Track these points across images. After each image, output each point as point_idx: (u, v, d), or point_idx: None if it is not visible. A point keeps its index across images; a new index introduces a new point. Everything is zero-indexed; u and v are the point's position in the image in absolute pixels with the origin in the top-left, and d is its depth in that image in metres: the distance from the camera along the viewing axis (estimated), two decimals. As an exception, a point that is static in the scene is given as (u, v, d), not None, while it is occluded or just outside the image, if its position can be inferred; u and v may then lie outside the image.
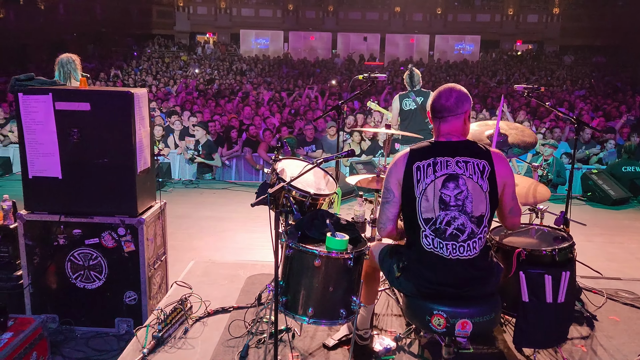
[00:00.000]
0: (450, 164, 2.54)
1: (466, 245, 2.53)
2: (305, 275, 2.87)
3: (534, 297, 2.96)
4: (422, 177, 2.56)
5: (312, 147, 8.90)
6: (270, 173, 3.31)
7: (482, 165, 2.54)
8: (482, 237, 2.56)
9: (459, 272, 2.55)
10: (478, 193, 2.52)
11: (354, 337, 3.04)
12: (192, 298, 3.67)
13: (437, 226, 2.54)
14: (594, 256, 5.12)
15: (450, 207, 2.52)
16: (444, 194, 2.53)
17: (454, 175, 2.53)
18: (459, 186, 2.52)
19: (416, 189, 2.56)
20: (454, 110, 2.60)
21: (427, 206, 2.55)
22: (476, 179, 2.53)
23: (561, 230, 3.41)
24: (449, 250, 2.54)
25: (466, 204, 2.52)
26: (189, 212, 6.55)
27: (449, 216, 2.53)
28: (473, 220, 2.52)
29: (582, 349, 3.38)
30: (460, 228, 2.52)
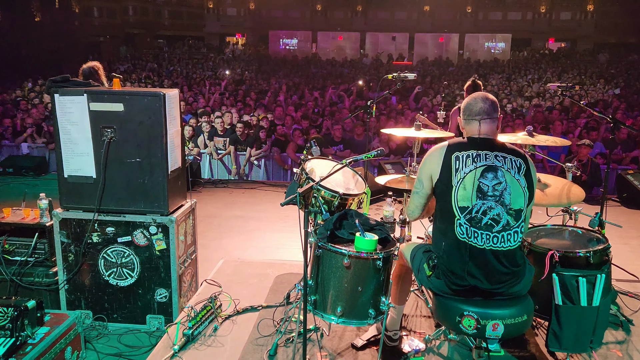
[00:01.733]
0: (489, 157, 2.59)
1: (500, 236, 2.53)
2: (334, 275, 2.87)
3: (567, 300, 2.90)
4: (460, 167, 2.58)
5: (340, 146, 8.90)
6: (299, 173, 3.32)
7: (519, 162, 2.61)
8: (518, 232, 2.56)
9: (491, 263, 2.53)
10: (516, 187, 2.56)
11: (382, 338, 3.03)
12: (221, 296, 3.72)
13: (473, 215, 2.55)
14: (630, 259, 4.97)
15: (487, 196, 2.54)
16: (482, 183, 2.55)
17: (493, 166, 2.57)
18: (497, 177, 2.55)
19: (454, 178, 2.58)
20: (491, 113, 2.68)
21: (464, 194, 2.56)
22: (514, 174, 2.57)
23: (596, 232, 3.33)
24: (483, 240, 2.53)
25: (504, 195, 2.54)
26: (218, 211, 6.62)
27: (485, 206, 2.54)
28: (511, 212, 2.54)
29: (618, 354, 3.29)
30: (496, 218, 2.53)
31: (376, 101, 4.15)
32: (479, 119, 2.66)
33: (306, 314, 2.82)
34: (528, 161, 2.65)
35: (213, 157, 8.91)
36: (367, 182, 3.63)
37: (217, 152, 8.92)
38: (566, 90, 3.98)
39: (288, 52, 29.24)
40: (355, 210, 3.24)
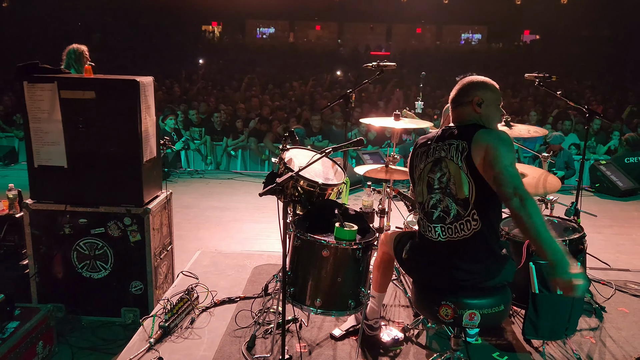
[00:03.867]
0: (438, 149, 2.56)
1: (453, 227, 2.49)
2: (314, 266, 2.85)
3: (544, 289, 2.93)
4: (417, 163, 2.65)
5: (318, 137, 8.86)
6: (278, 162, 3.27)
7: (462, 146, 2.45)
8: (470, 220, 2.45)
9: (451, 255, 2.49)
10: (459, 175, 2.45)
11: (362, 328, 3.02)
12: (198, 288, 3.66)
13: (426, 210, 2.58)
14: (602, 248, 5.08)
15: (434, 190, 2.55)
16: (430, 177, 2.57)
17: (439, 158, 2.55)
18: (441, 169, 2.53)
19: (415, 175, 2.67)
20: (460, 99, 2.61)
21: (419, 190, 2.63)
22: (456, 160, 2.46)
23: (572, 222, 3.37)
24: (437, 233, 2.53)
25: (449, 186, 2.49)
26: (195, 202, 6.53)
27: (434, 199, 2.54)
28: (459, 202, 2.46)
29: (591, 341, 3.35)
30: (446, 210, 2.50)
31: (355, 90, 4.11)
32: (451, 107, 2.65)
33: (285, 304, 2.80)
34: (473, 140, 2.40)
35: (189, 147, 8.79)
36: (346, 172, 3.60)
37: (193, 142, 8.80)
38: (543, 80, 4.01)
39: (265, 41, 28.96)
40: (334, 200, 3.22)
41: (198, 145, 8.82)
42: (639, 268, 4.52)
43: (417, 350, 3.17)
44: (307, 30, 30.61)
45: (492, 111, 2.60)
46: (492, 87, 2.59)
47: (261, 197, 2.79)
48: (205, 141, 8.84)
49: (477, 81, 2.61)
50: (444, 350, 3.06)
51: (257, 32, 30.28)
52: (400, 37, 29.67)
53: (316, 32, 30.38)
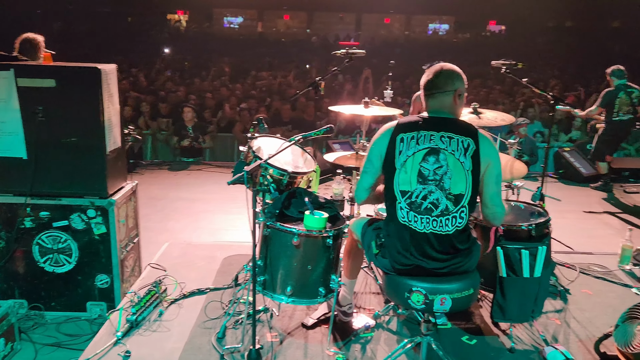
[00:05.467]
0: (434, 138, 2.51)
1: (439, 220, 2.50)
2: (284, 255, 2.83)
3: (511, 272, 2.98)
4: (404, 149, 2.53)
5: (288, 127, 8.81)
6: (246, 151, 3.23)
7: (467, 142, 2.50)
8: (457, 217, 2.51)
9: (432, 246, 2.52)
10: (459, 170, 2.48)
11: (332, 315, 3.02)
12: (166, 280, 3.60)
13: (413, 199, 2.51)
14: (567, 232, 5.19)
15: (428, 181, 2.50)
16: (423, 167, 2.50)
17: (436, 149, 2.49)
18: (439, 161, 2.49)
19: (397, 161, 2.53)
20: (441, 87, 2.58)
21: (405, 178, 2.52)
22: (458, 156, 2.49)
23: (537, 206, 3.43)
24: (422, 224, 2.51)
25: (444, 179, 2.48)
26: (163, 193, 6.41)
27: (426, 190, 2.50)
28: (450, 197, 2.49)
29: (557, 322, 3.44)
30: (435, 203, 2.49)
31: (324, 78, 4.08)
32: (427, 94, 2.61)
33: (255, 294, 2.77)
34: (480, 140, 2.51)
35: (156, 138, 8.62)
36: (316, 160, 3.58)
37: (160, 133, 8.63)
38: (509, 68, 4.06)
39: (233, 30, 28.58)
40: (304, 188, 3.20)
41: (166, 136, 8.65)
42: (601, 251, 4.65)
43: (388, 336, 3.19)
44: (276, 20, 30.32)
45: (463, 103, 2.66)
46: (464, 80, 2.65)
47: (230, 186, 2.76)
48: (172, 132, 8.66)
49: (458, 72, 2.63)
50: (414, 335, 3.09)
51: (224, 21, 29.85)
52: (370, 26, 29.71)
53: (285, 22, 30.12)
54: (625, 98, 6.64)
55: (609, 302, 3.70)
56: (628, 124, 6.76)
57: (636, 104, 6.68)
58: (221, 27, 29.27)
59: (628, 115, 6.69)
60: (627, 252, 4.29)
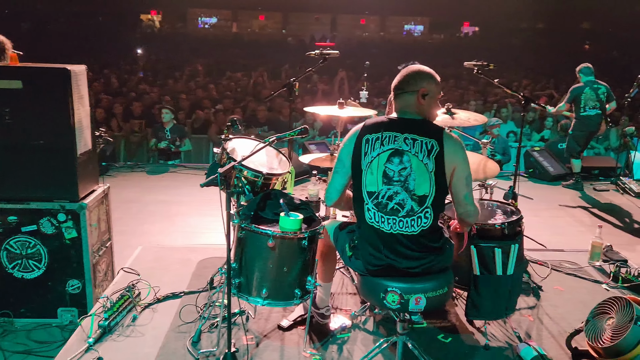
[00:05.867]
0: (398, 140, 2.53)
1: (405, 221, 2.52)
2: (259, 257, 2.81)
3: (484, 270, 3.02)
4: (369, 150, 2.55)
5: (264, 128, 8.78)
6: (220, 153, 3.20)
7: (430, 144, 2.51)
8: (422, 217, 2.53)
9: (401, 246, 2.53)
10: (422, 172, 2.50)
11: (309, 316, 3.01)
12: (140, 284, 3.54)
13: (379, 200, 2.54)
14: (539, 230, 5.29)
15: (393, 181, 2.52)
16: (388, 168, 2.52)
17: (400, 151, 2.52)
18: (403, 162, 2.51)
19: (363, 162, 2.56)
20: (405, 87, 2.61)
21: (371, 179, 2.55)
22: (422, 158, 2.50)
23: (510, 205, 3.48)
24: (389, 225, 2.53)
25: (409, 181, 2.51)
26: (136, 196, 6.32)
27: (391, 191, 2.52)
28: (414, 198, 2.51)
29: (530, 319, 3.49)
30: (401, 203, 2.52)
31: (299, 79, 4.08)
32: (394, 94, 2.64)
33: (230, 297, 2.74)
34: (444, 141, 2.51)
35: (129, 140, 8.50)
36: (291, 161, 3.57)
37: (133, 135, 8.51)
38: (482, 68, 4.11)
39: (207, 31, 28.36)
40: (279, 190, 3.18)
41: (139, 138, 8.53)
42: (572, 248, 4.74)
43: (365, 336, 3.20)
44: (251, 20, 30.20)
45: (433, 104, 2.66)
46: (436, 80, 2.64)
47: (203, 188, 2.72)
48: (146, 134, 8.56)
49: (425, 72, 2.63)
50: (390, 335, 3.10)
51: (199, 21, 29.59)
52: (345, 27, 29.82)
53: (260, 22, 30.01)
54: (591, 94, 6.85)
55: (580, 298, 3.78)
56: (595, 119, 6.93)
57: (603, 100, 6.87)
58: (195, 28, 29.02)
59: (595, 110, 6.88)
60: (597, 248, 4.38)
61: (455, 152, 2.53)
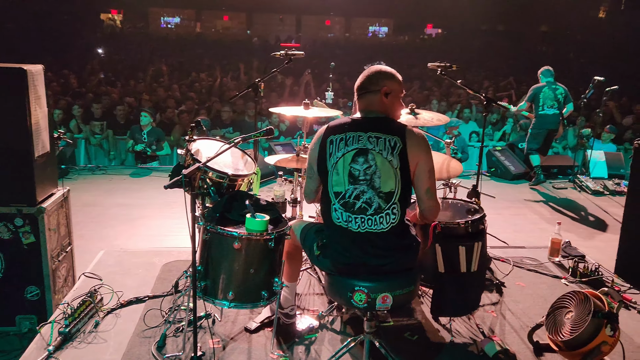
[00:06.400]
0: (362, 139, 2.55)
1: (373, 219, 2.54)
2: (225, 259, 2.78)
3: (449, 268, 3.07)
4: (334, 151, 2.58)
5: (229, 129, 8.70)
6: (184, 154, 3.15)
7: (394, 141, 2.54)
8: (390, 214, 2.55)
9: (369, 245, 2.55)
10: (387, 169, 2.53)
11: (276, 318, 3.00)
12: (102, 289, 3.45)
13: (346, 200, 2.55)
14: (502, 227, 5.42)
15: (359, 181, 2.54)
16: (353, 167, 2.54)
17: (364, 149, 2.54)
18: (367, 161, 2.53)
19: (329, 163, 2.58)
20: (367, 87, 2.64)
21: (337, 179, 2.57)
22: (386, 155, 2.53)
23: (473, 203, 3.55)
24: (357, 224, 2.55)
25: (374, 179, 2.53)
26: (98, 199, 6.17)
27: (357, 190, 2.54)
28: (381, 195, 2.54)
29: (493, 315, 3.57)
30: (368, 202, 2.54)
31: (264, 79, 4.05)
32: (357, 95, 2.67)
33: (196, 300, 2.70)
34: (407, 138, 2.54)
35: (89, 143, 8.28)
36: (256, 162, 3.55)
37: (93, 137, 8.29)
38: (445, 69, 4.18)
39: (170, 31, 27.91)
40: (245, 191, 3.16)
41: (99, 140, 8.32)
42: (533, 245, 4.88)
43: (332, 336, 3.21)
44: (215, 20, 29.88)
45: (397, 102, 2.70)
46: (398, 79, 2.68)
47: (169, 190, 2.68)
48: (107, 136, 8.36)
49: (386, 71, 2.68)
50: (358, 334, 3.12)
51: (161, 21, 29.10)
52: (310, 28, 29.84)
53: (224, 22, 29.73)
54: (549, 93, 7.12)
55: (541, 293, 3.89)
56: (553, 118, 7.18)
57: (561, 101, 7.13)
58: (158, 27, 28.51)
59: (553, 110, 7.13)
60: (557, 244, 4.51)
61: (418, 147, 2.57)
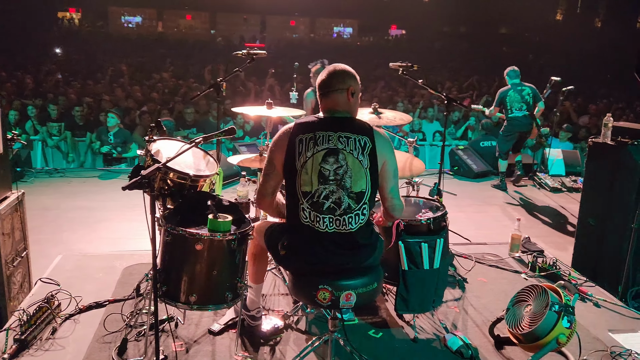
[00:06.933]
0: (332, 139, 2.54)
1: (342, 219, 2.53)
2: (187, 261, 2.74)
3: (412, 265, 3.11)
4: (303, 150, 2.53)
5: (193, 130, 8.58)
6: (144, 155, 3.08)
7: (363, 141, 2.56)
8: (360, 214, 2.56)
9: (336, 245, 2.55)
10: (358, 169, 2.54)
11: (240, 319, 2.97)
12: (60, 295, 3.35)
13: (315, 200, 2.53)
14: (464, 225, 5.51)
15: (329, 181, 2.52)
16: (324, 167, 2.52)
17: (335, 149, 2.53)
18: (338, 161, 2.52)
19: (297, 162, 2.54)
20: (334, 85, 2.62)
21: (306, 179, 2.53)
22: (357, 155, 2.54)
23: (435, 201, 3.60)
24: (325, 224, 2.53)
25: (345, 179, 2.52)
26: (56, 203, 5.98)
27: (327, 190, 2.52)
28: (351, 195, 2.53)
29: (455, 310, 3.63)
30: (337, 202, 2.52)
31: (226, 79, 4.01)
32: (322, 93, 2.64)
33: (157, 303, 2.65)
34: (375, 138, 2.58)
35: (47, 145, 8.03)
36: (219, 162, 3.51)
37: (51, 139, 8.04)
38: (406, 69, 4.23)
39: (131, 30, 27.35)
40: (207, 191, 3.12)
41: (57, 141, 8.07)
42: (494, 241, 4.99)
43: (297, 336, 3.20)
44: (177, 20, 29.45)
45: (357, 102, 2.72)
46: (358, 79, 2.70)
47: (130, 192, 2.61)
48: (65, 137, 8.12)
49: (350, 71, 2.69)
50: (323, 333, 3.12)
51: (122, 20, 28.49)
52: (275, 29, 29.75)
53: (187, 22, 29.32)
54: (515, 96, 6.97)
55: (502, 288, 3.98)
56: (523, 120, 7.01)
57: (529, 102, 6.96)
58: (118, 27, 27.90)
59: (522, 112, 6.97)
60: (517, 240, 4.64)
61: (384, 147, 2.61)
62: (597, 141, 4.29)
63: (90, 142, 8.08)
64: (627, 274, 3.99)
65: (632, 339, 3.34)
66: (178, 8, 29.09)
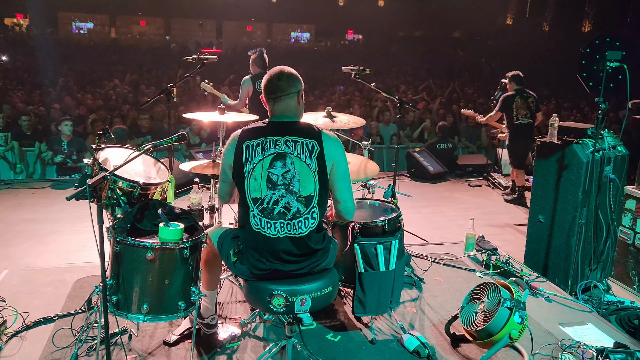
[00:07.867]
0: (279, 143, 2.53)
1: (292, 224, 2.52)
2: (138, 271, 2.67)
3: (368, 267, 3.12)
4: (250, 157, 2.52)
5: (147, 137, 8.39)
6: (91, 163, 2.99)
7: (311, 144, 2.55)
8: (309, 218, 2.55)
9: (287, 250, 2.54)
10: (306, 173, 2.53)
11: (194, 329, 2.91)
12: (5, 311, 3.22)
13: (265, 205, 2.51)
14: (421, 225, 5.60)
15: (277, 186, 2.51)
16: (272, 172, 2.51)
17: (282, 154, 2.52)
18: (286, 165, 2.51)
19: (245, 168, 2.52)
20: (285, 90, 2.60)
21: (255, 185, 2.51)
22: (304, 159, 2.53)
23: (390, 203, 3.64)
24: (276, 229, 2.52)
25: (293, 183, 2.51)
26: (1, 216, 5.73)
27: (276, 195, 2.51)
28: (300, 199, 2.53)
29: (412, 310, 3.67)
30: (287, 206, 2.51)
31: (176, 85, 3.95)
32: (273, 97, 2.61)
33: (107, 316, 2.57)
34: (323, 141, 2.56)
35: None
36: (171, 170, 3.44)
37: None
38: (359, 73, 4.26)
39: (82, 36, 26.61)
40: (158, 200, 3.05)
41: (3, 152, 7.74)
42: (450, 241, 5.08)
43: (255, 343, 3.16)
44: (131, 26, 28.86)
45: (302, 105, 2.71)
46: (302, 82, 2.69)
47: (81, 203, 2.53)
48: (12, 147, 7.80)
49: (296, 73, 2.67)
50: (280, 339, 3.09)
51: (72, 26, 27.68)
52: (231, 34, 29.57)
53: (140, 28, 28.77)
54: (521, 102, 6.70)
55: (457, 287, 4.05)
56: (528, 127, 6.76)
57: (533, 110, 6.75)
58: (69, 33, 27.09)
59: (527, 119, 6.72)
60: (471, 239, 4.73)
61: (334, 149, 2.59)
62: (544, 141, 4.44)
63: (39, 152, 7.79)
64: (576, 268, 4.14)
65: (581, 331, 3.45)
66: (131, 14, 28.50)
